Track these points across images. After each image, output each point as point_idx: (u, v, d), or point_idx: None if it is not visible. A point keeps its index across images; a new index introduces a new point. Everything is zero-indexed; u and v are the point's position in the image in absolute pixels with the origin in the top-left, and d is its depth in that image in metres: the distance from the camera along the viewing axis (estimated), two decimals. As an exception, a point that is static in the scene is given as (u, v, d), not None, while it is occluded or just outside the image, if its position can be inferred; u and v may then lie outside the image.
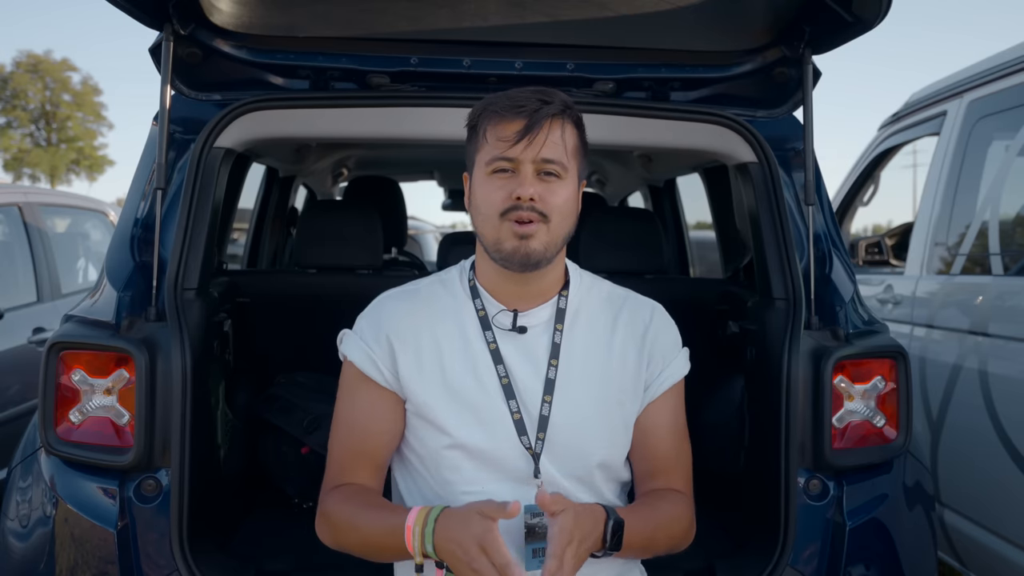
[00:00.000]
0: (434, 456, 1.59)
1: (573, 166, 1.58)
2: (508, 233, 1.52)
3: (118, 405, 1.92)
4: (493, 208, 1.53)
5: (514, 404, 1.58)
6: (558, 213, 1.54)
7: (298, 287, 2.96)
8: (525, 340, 1.62)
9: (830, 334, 2.08)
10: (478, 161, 1.58)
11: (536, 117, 1.51)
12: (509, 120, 1.52)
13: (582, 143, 1.61)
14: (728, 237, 3.34)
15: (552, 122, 1.53)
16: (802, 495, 2.00)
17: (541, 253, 1.54)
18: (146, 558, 1.88)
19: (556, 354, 1.62)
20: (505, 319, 1.62)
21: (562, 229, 1.56)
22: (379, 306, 1.68)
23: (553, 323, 1.63)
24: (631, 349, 1.66)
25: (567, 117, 1.56)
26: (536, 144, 1.51)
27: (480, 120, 1.58)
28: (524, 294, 1.63)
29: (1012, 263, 3.03)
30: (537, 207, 1.51)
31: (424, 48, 2.24)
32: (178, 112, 2.19)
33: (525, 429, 1.57)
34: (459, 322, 1.63)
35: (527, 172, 1.52)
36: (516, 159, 1.52)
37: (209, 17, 2.04)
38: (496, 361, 1.60)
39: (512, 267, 1.56)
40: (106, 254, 2.19)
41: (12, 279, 4.72)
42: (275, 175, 4.21)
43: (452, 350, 1.61)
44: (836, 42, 2.07)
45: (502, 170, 1.53)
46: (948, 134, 3.56)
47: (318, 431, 2.57)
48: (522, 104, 1.52)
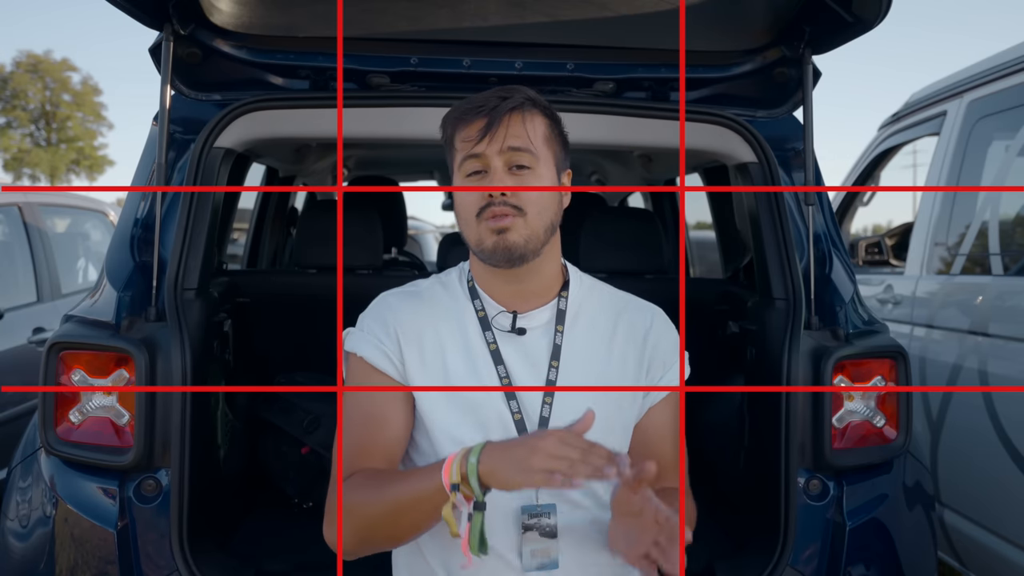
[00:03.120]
0: (435, 455, 1.59)
1: (546, 154, 1.57)
2: (486, 231, 1.53)
3: (118, 405, 1.92)
4: (469, 210, 1.54)
5: (515, 404, 1.57)
6: (534, 205, 1.54)
7: (298, 287, 2.96)
8: (525, 341, 1.61)
9: (830, 334, 2.08)
10: (454, 169, 1.59)
11: (496, 113, 1.52)
12: (471, 120, 1.54)
13: (554, 132, 1.60)
14: (728, 237, 3.34)
15: (512, 115, 1.54)
16: (802, 495, 2.00)
17: (522, 246, 1.53)
18: (146, 558, 1.88)
19: (557, 355, 1.61)
20: (505, 320, 1.62)
21: (542, 220, 1.55)
22: (383, 303, 1.67)
23: (553, 324, 1.63)
24: (631, 353, 1.66)
25: (530, 108, 1.56)
26: (499, 137, 1.52)
27: (446, 129, 1.60)
28: (521, 293, 1.62)
29: (1012, 263, 3.03)
30: (510, 201, 1.52)
31: (424, 48, 2.24)
32: (178, 112, 2.19)
33: (526, 429, 1.57)
34: (460, 322, 1.63)
35: (496, 167, 1.52)
36: (482, 154, 1.52)
37: (209, 17, 2.04)
38: (496, 361, 1.59)
39: (499, 263, 1.55)
40: (106, 254, 2.19)
41: (12, 279, 4.72)
42: (275, 175, 4.21)
43: (454, 349, 1.61)
44: (836, 42, 2.07)
45: (475, 172, 1.54)
46: (948, 134, 3.56)
47: (318, 431, 2.57)
48: (481, 104, 1.54)
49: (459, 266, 1.72)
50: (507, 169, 1.53)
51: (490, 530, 1.52)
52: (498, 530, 1.53)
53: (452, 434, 1.57)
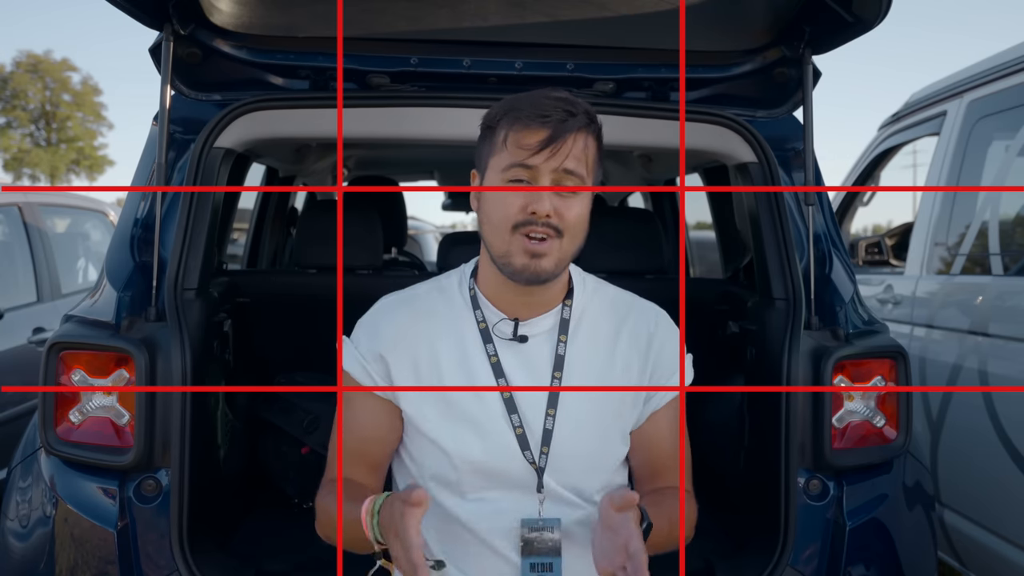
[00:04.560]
0: (432, 468, 1.57)
1: (590, 180, 1.52)
2: (519, 248, 1.47)
3: (118, 405, 1.92)
4: (506, 220, 1.47)
5: (516, 419, 1.55)
6: (571, 230, 1.49)
7: (298, 287, 2.96)
8: (526, 350, 1.58)
9: (830, 334, 2.08)
10: (492, 165, 1.51)
11: (561, 129, 1.45)
12: (533, 128, 1.46)
13: (600, 155, 1.55)
14: (728, 237, 3.33)
15: (577, 135, 1.47)
16: (802, 495, 2.00)
17: (551, 272, 1.49)
18: (146, 558, 1.88)
19: (560, 366, 1.58)
20: (506, 328, 1.58)
21: (573, 245, 1.51)
22: (376, 317, 1.64)
23: (556, 333, 1.60)
24: (635, 358, 1.63)
25: (591, 130, 1.51)
26: (559, 156, 1.45)
27: (500, 123, 1.51)
28: (527, 303, 1.59)
29: (1012, 263, 3.03)
30: (552, 222, 1.46)
31: (424, 48, 2.24)
32: (178, 112, 2.19)
33: (528, 444, 1.55)
34: (458, 334, 1.59)
35: (545, 184, 1.46)
36: (536, 168, 1.46)
37: (209, 17, 2.04)
38: (497, 375, 1.56)
39: (519, 282, 1.51)
40: (106, 254, 2.19)
41: (12, 279, 4.71)
42: (275, 175, 4.21)
43: (451, 363, 1.57)
44: (836, 42, 2.07)
45: (519, 179, 1.47)
46: (948, 134, 3.56)
47: (318, 431, 2.57)
48: (547, 113, 1.46)
49: (459, 269, 1.68)
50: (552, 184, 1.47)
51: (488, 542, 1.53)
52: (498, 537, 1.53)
53: (450, 451, 1.55)
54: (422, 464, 1.59)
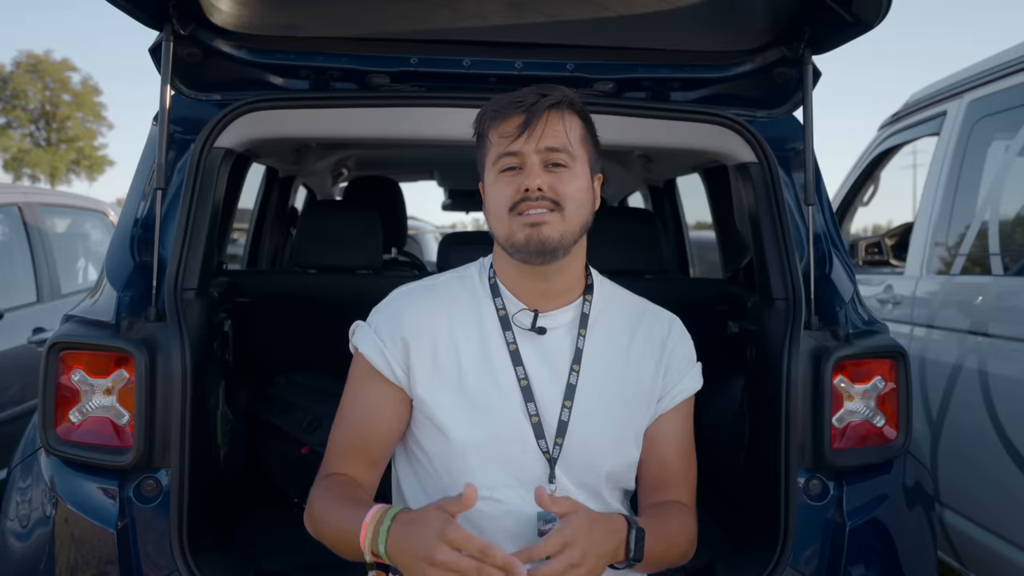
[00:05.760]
0: (444, 457, 1.58)
1: (582, 155, 1.56)
2: (518, 225, 1.51)
3: (118, 405, 1.92)
4: (502, 205, 1.53)
5: (532, 407, 1.56)
6: (572, 201, 1.52)
7: (298, 287, 2.96)
8: (545, 342, 1.60)
9: (830, 334, 2.08)
10: (487, 164, 1.57)
11: (534, 109, 1.51)
12: (509, 116, 1.53)
13: (589, 134, 1.60)
14: (728, 237, 3.34)
15: (551, 113, 1.53)
16: (802, 495, 2.00)
17: (556, 240, 1.51)
18: (146, 558, 1.88)
19: (579, 359, 1.60)
20: (525, 318, 1.60)
21: (578, 218, 1.54)
22: (397, 302, 1.65)
23: (576, 327, 1.62)
24: (649, 360, 1.65)
25: (567, 108, 1.56)
26: (536, 135, 1.51)
27: (484, 122, 1.58)
28: (545, 292, 1.61)
29: (1012, 263, 3.03)
30: (547, 195, 1.50)
31: (424, 48, 2.24)
32: (178, 112, 2.19)
33: (543, 433, 1.56)
34: (478, 321, 1.61)
35: (533, 163, 1.52)
36: (520, 152, 1.52)
37: (209, 17, 2.04)
38: (515, 363, 1.58)
39: (530, 258, 1.53)
40: (106, 254, 2.19)
41: (12, 279, 4.71)
42: (275, 175, 4.21)
43: (470, 350, 1.59)
44: (836, 42, 2.07)
45: (509, 168, 1.53)
46: (948, 134, 3.56)
47: (318, 431, 2.57)
48: (520, 99, 1.53)
49: (479, 261, 1.71)
50: (544, 166, 1.52)
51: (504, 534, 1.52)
52: (510, 535, 1.53)
53: (465, 437, 1.56)
54: (433, 456, 1.59)
